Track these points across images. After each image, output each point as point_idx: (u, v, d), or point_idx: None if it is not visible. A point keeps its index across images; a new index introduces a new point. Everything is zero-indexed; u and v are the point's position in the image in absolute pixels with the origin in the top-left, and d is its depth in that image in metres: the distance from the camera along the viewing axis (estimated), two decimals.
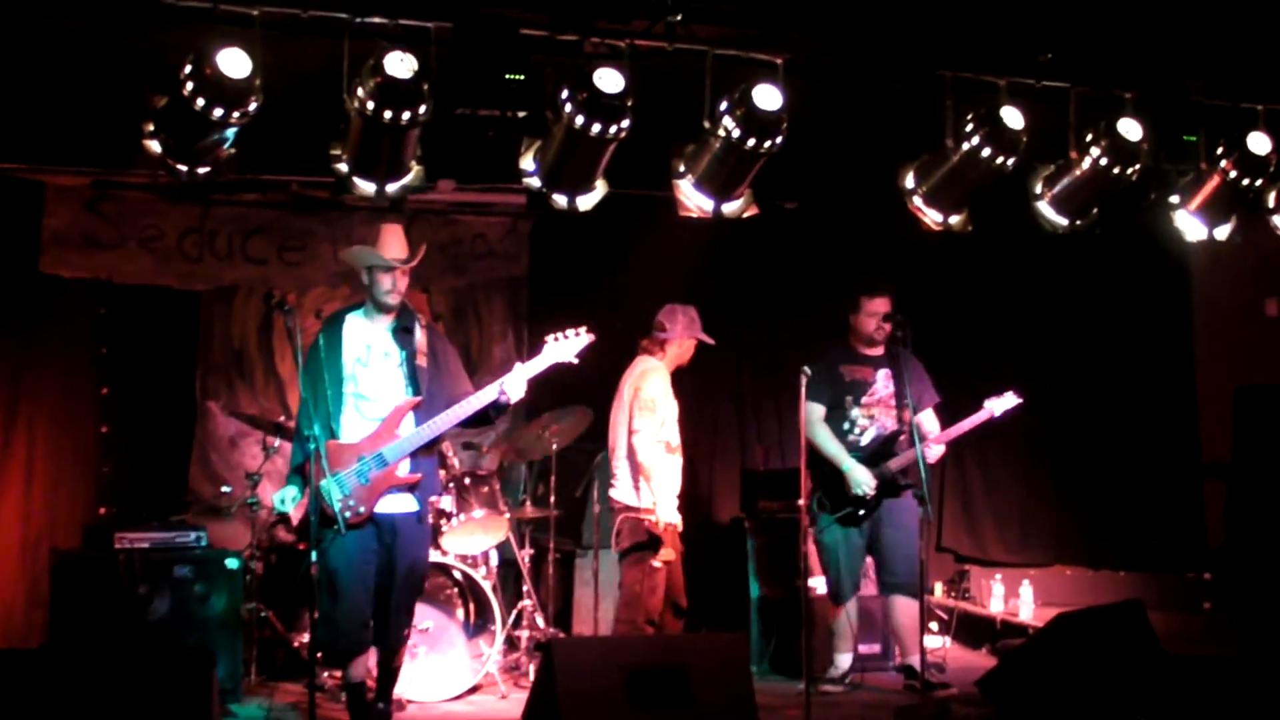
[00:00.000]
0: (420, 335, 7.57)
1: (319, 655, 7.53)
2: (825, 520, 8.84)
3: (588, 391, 9.17)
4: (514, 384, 7.35)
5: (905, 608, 8.88)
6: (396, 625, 7.51)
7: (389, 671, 7.61)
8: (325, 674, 8.45)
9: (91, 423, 10.05)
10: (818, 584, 9.08)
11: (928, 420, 8.95)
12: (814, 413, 8.81)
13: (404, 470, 7.34)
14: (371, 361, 7.46)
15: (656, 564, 8.60)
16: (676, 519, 8.66)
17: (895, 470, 8.84)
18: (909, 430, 8.69)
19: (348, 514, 7.16)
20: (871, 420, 9.00)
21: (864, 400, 9.01)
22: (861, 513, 8.89)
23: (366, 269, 7.48)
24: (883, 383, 9.03)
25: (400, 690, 8.40)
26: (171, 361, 10.29)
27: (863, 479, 8.79)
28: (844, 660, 9.01)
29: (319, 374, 7.33)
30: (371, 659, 7.65)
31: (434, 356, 7.56)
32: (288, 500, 7.32)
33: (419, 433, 7.32)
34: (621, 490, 8.78)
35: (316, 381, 7.32)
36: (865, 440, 8.97)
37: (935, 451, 8.79)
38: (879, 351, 9.09)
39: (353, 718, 7.47)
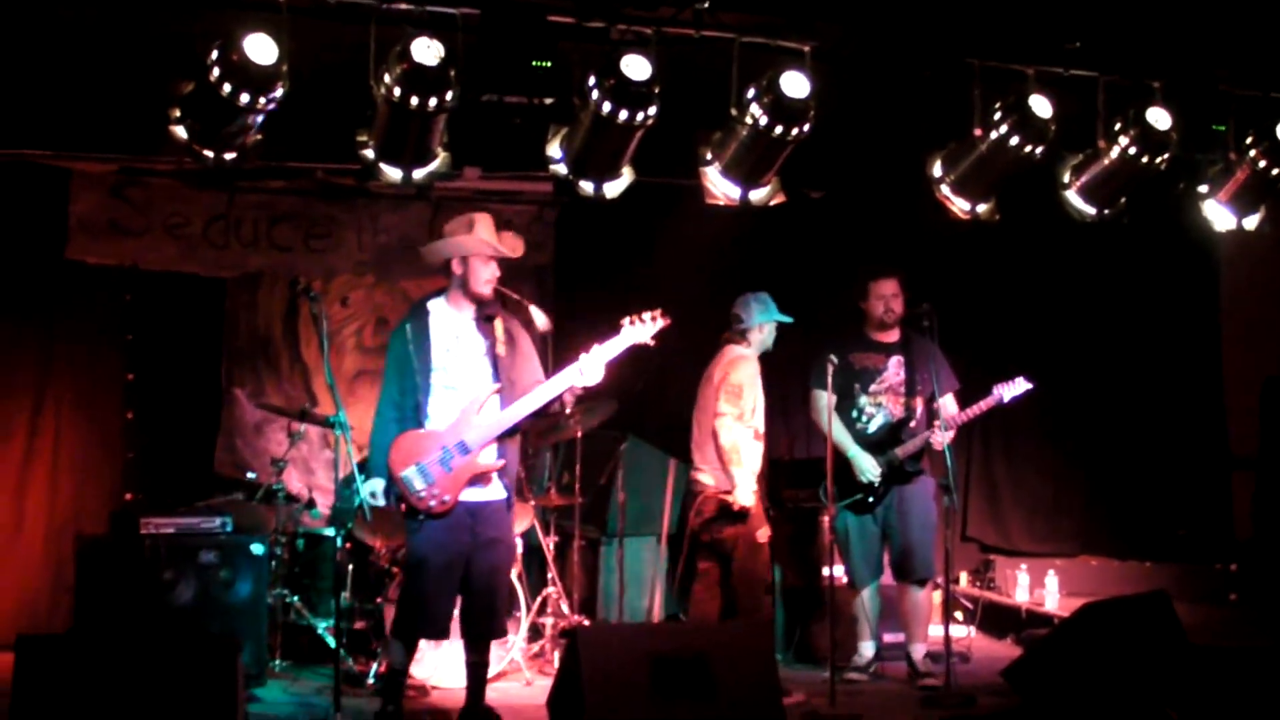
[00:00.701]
0: (500, 323, 7.57)
1: (346, 641, 7.58)
2: (838, 508, 8.81)
3: (615, 381, 9.17)
4: (591, 366, 7.35)
5: (910, 596, 8.91)
6: (486, 614, 7.43)
7: (481, 665, 7.52)
8: (350, 660, 8.47)
9: (117, 409, 10.08)
10: (841, 572, 9.08)
11: (948, 406, 8.91)
12: (824, 400, 8.79)
13: (488, 458, 7.30)
14: (459, 350, 7.43)
15: (761, 540, 8.70)
16: (752, 502, 8.66)
17: (903, 457, 8.82)
18: (918, 417, 8.72)
19: (433, 502, 7.14)
20: (879, 408, 8.97)
21: (871, 388, 8.99)
22: (870, 500, 8.87)
23: (461, 258, 7.48)
24: (893, 369, 9.01)
25: (425, 676, 8.44)
26: (197, 348, 10.31)
27: (867, 466, 8.79)
28: (867, 648, 8.99)
29: (408, 362, 7.34)
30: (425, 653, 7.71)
31: (512, 344, 7.55)
32: (379, 494, 7.30)
33: (500, 419, 7.29)
34: (705, 473, 8.81)
35: (404, 370, 7.34)
36: (872, 428, 8.95)
37: (942, 437, 8.75)
38: (893, 338, 9.06)
39: (386, 701, 7.43)
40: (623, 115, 7.33)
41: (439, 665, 8.44)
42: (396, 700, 7.40)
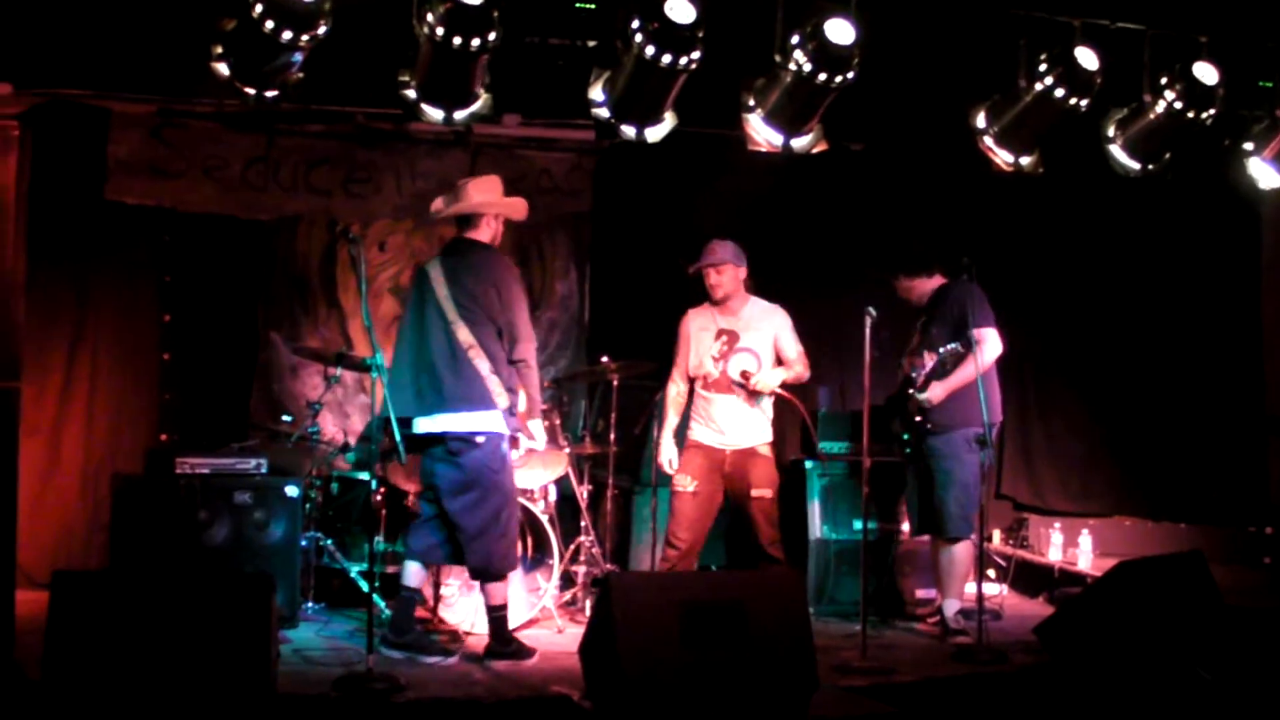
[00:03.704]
0: None
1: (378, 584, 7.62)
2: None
3: (653, 332, 9.19)
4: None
5: (941, 552, 8.95)
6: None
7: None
8: (383, 604, 8.48)
9: (153, 350, 10.09)
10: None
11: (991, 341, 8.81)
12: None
13: None
14: None
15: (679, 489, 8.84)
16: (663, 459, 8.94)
17: (912, 412, 8.88)
18: (923, 372, 8.77)
19: None
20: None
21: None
22: (908, 451, 9.02)
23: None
24: (919, 329, 9.09)
25: (457, 621, 8.46)
26: (234, 290, 10.29)
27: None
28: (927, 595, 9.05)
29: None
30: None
31: None
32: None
33: None
34: None
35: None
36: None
37: (923, 394, 8.81)
38: (924, 301, 9.13)
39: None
40: (666, 59, 7.27)
41: (471, 611, 8.47)
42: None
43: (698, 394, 8.90)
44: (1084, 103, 8.04)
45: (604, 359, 9.29)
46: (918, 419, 8.83)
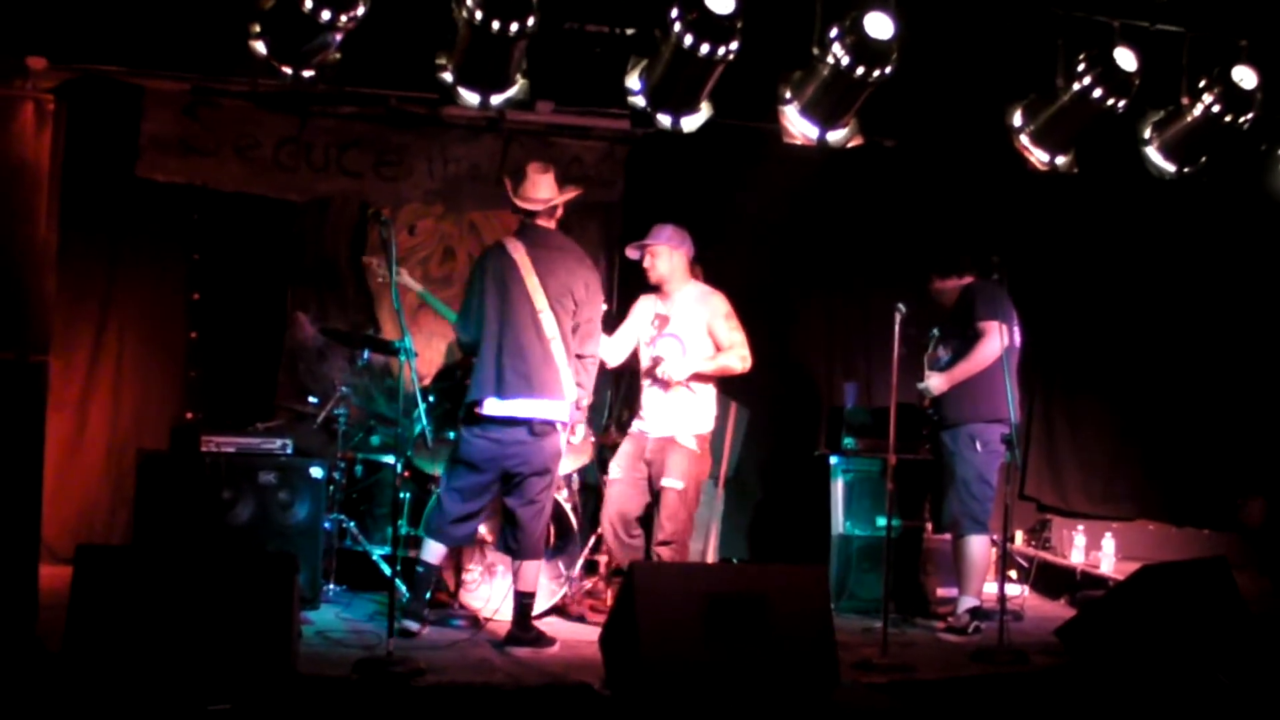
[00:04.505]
0: None
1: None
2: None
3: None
4: None
5: (955, 547, 8.96)
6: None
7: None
8: (404, 587, 8.48)
9: (181, 328, 10.09)
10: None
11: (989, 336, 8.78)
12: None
13: None
14: None
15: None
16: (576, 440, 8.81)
17: (926, 405, 9.00)
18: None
19: None
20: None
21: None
22: (928, 446, 9.11)
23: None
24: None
25: (478, 607, 8.45)
26: (262, 270, 10.27)
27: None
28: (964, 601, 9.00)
29: None
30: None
31: None
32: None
33: None
34: None
35: None
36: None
37: (924, 385, 8.91)
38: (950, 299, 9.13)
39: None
40: (704, 48, 7.27)
41: (493, 598, 8.48)
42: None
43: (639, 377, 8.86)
44: (1121, 104, 8.03)
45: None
46: (929, 410, 8.84)
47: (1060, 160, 8.48)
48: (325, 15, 6.89)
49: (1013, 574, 10.10)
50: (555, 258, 8.05)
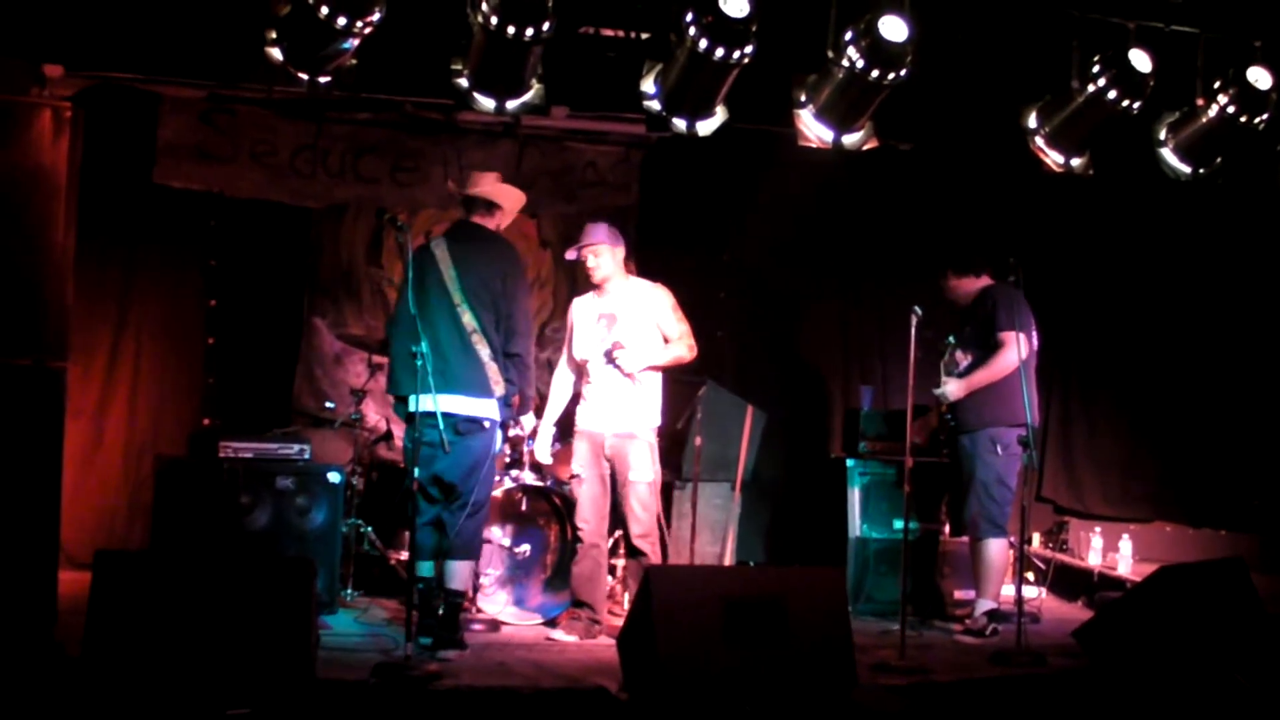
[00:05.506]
0: None
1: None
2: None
3: (695, 328, 9.16)
4: None
5: (973, 550, 8.92)
6: None
7: None
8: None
9: (198, 334, 10.11)
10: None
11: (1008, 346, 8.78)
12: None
13: None
14: None
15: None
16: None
17: (943, 409, 8.94)
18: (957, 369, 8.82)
19: None
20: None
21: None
22: (945, 451, 9.07)
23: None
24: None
25: (495, 612, 8.46)
26: (279, 276, 10.30)
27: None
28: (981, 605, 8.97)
29: None
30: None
31: None
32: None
33: None
34: None
35: None
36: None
37: (941, 390, 8.87)
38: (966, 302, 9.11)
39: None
40: (719, 53, 7.27)
41: (509, 602, 8.49)
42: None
43: (584, 380, 8.73)
44: (1136, 105, 8.03)
45: None
46: (947, 415, 8.84)
47: (1076, 162, 8.48)
48: (341, 21, 6.92)
49: (1030, 576, 10.10)
50: (476, 251, 7.97)
